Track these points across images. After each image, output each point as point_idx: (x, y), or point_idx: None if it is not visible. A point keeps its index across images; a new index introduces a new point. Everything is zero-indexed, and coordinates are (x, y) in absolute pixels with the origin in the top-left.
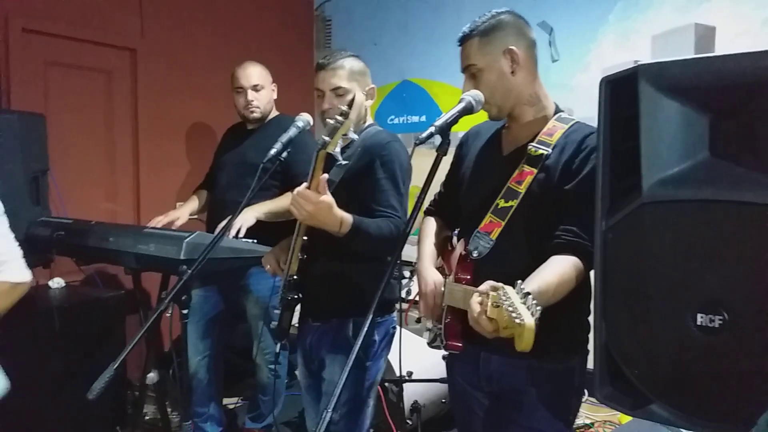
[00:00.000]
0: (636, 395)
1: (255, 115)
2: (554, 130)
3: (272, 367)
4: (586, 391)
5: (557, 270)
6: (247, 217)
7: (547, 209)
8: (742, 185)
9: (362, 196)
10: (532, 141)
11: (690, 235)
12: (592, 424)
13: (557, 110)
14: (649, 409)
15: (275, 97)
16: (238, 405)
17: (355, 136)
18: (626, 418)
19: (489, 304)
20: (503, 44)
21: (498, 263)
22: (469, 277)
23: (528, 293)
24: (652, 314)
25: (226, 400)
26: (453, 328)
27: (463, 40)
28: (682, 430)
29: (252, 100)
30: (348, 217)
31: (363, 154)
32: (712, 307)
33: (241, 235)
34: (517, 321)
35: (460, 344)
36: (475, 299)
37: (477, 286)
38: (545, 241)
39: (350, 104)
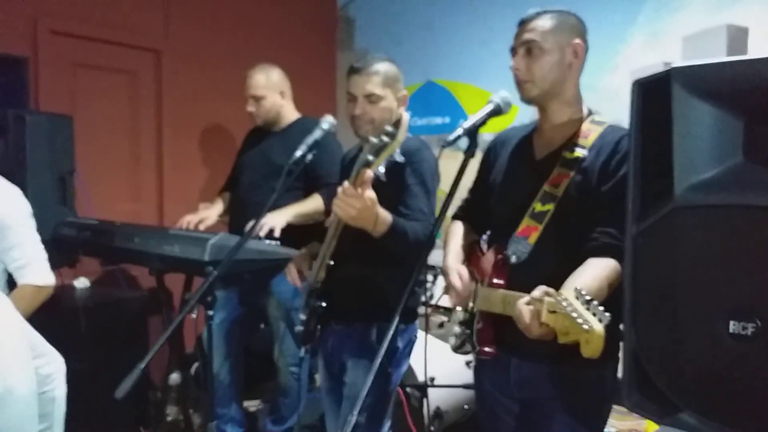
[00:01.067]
0: (665, 403)
1: (257, 122)
2: (589, 133)
3: (293, 369)
4: None
5: (597, 273)
6: (279, 219)
7: (585, 212)
8: None
9: (391, 201)
10: (566, 144)
11: (722, 241)
12: None
13: (590, 113)
14: (678, 418)
15: (285, 102)
16: (258, 408)
17: (401, 159)
18: (653, 427)
19: (544, 309)
20: (573, 36)
21: (536, 267)
22: (503, 282)
23: (591, 299)
24: (683, 321)
25: (246, 403)
26: (485, 334)
27: (533, 18)
28: None
29: (252, 110)
30: (387, 216)
31: (394, 160)
32: (745, 314)
33: (277, 235)
34: (585, 327)
35: (493, 350)
36: (525, 304)
37: (513, 291)
38: (583, 244)
39: (396, 124)
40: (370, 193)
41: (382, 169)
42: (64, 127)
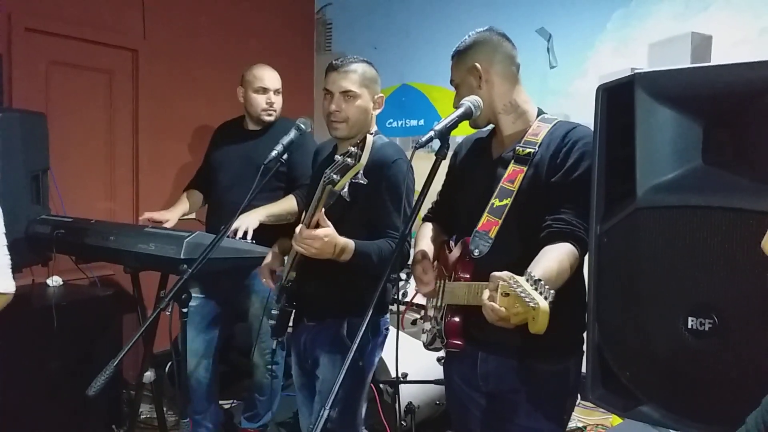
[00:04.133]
0: (627, 396)
1: (270, 118)
2: (539, 130)
3: (271, 367)
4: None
5: (554, 257)
6: (251, 220)
7: (540, 204)
8: (733, 192)
9: (366, 213)
10: (519, 142)
11: (682, 240)
12: (585, 427)
13: (540, 113)
14: (640, 411)
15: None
16: (233, 405)
17: (364, 181)
18: (618, 421)
19: (498, 293)
20: (470, 62)
21: (497, 260)
22: (468, 276)
23: (539, 279)
24: (645, 317)
25: (221, 401)
26: (453, 327)
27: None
28: (672, 431)
29: (273, 103)
30: (349, 244)
31: (368, 168)
32: (703, 311)
33: (249, 238)
34: (531, 305)
35: (461, 342)
36: (486, 292)
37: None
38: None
39: (361, 146)
40: (329, 230)
41: (345, 189)
42: (37, 124)
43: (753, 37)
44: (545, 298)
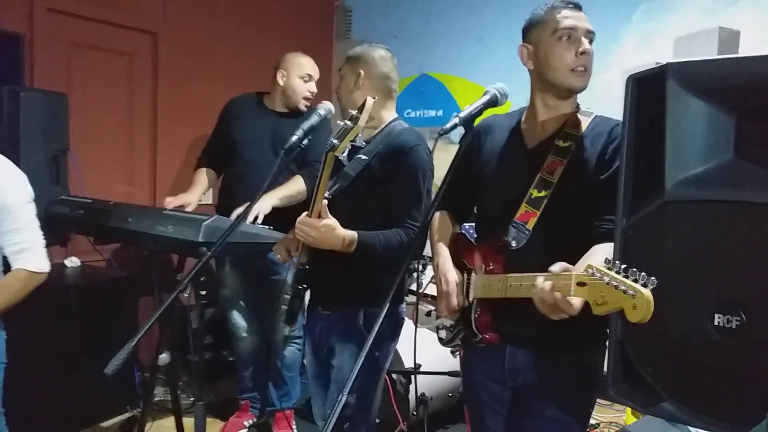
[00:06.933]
0: (648, 392)
1: (305, 107)
2: (578, 123)
3: (297, 341)
4: None
5: (605, 255)
6: (264, 205)
7: (581, 198)
8: (765, 187)
9: (382, 198)
10: (558, 133)
11: (711, 236)
12: (598, 424)
13: (577, 105)
14: (660, 407)
15: None
16: None
17: (362, 143)
18: (632, 419)
19: (573, 284)
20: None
21: (534, 252)
22: (501, 268)
23: (628, 267)
24: (669, 312)
25: None
26: (485, 321)
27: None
28: (691, 428)
29: (314, 92)
30: (352, 235)
31: (386, 153)
32: (730, 307)
33: (259, 221)
34: (630, 293)
35: (496, 334)
36: (547, 283)
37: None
38: (580, 229)
39: (360, 109)
40: (328, 221)
41: (345, 154)
42: (58, 105)
43: None
44: (644, 285)
